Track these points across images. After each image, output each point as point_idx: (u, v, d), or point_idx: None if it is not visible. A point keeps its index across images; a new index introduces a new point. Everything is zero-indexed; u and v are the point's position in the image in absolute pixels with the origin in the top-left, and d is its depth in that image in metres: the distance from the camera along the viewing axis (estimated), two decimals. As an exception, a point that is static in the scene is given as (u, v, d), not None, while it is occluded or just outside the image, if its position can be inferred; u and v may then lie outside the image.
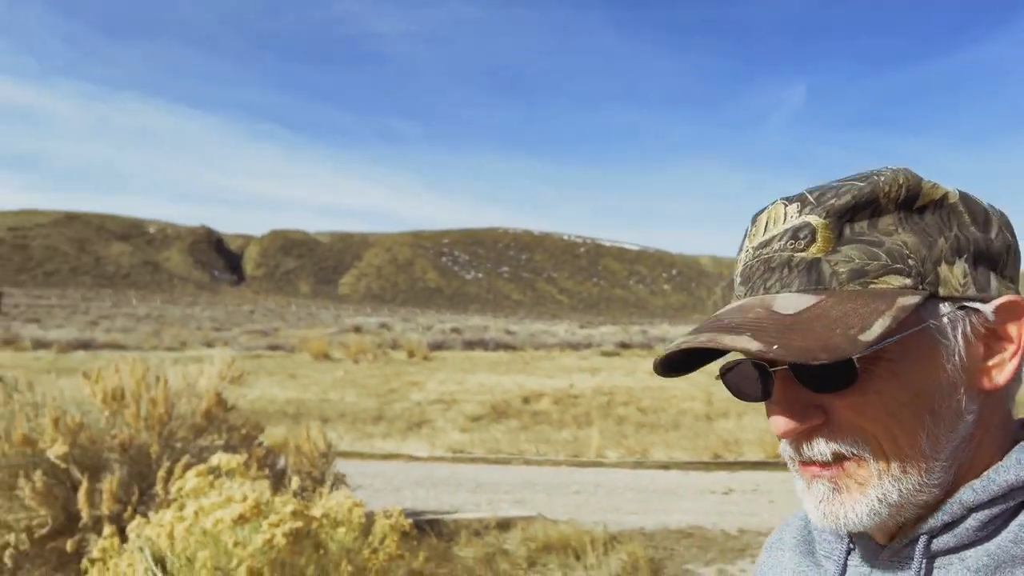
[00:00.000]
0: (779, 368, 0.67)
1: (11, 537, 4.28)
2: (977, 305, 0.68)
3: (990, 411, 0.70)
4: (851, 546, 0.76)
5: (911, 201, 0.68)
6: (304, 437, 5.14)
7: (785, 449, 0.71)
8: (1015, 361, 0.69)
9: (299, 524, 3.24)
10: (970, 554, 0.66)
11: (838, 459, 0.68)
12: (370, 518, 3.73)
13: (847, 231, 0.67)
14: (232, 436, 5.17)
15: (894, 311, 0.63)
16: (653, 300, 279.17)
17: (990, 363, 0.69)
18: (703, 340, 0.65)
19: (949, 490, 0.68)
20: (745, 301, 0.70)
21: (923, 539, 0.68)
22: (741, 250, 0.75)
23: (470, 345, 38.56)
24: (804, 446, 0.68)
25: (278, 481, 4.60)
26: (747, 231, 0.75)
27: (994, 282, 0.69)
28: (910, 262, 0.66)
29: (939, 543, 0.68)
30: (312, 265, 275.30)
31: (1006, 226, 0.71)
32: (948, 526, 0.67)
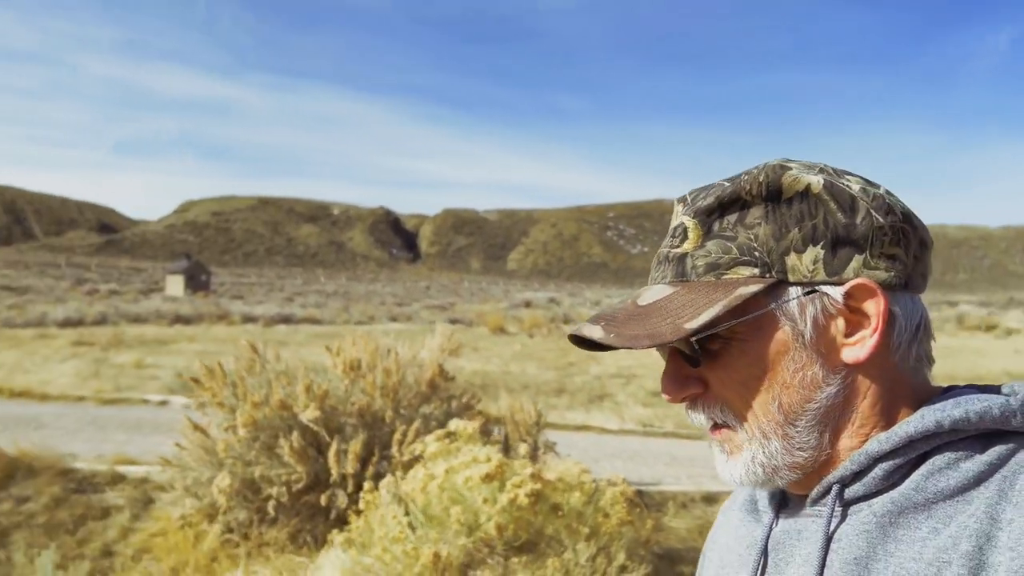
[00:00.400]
0: (671, 345, 0.77)
1: (273, 490, 4.85)
2: (826, 289, 0.73)
3: (864, 381, 0.74)
4: (784, 501, 0.83)
5: (775, 195, 0.73)
6: (518, 407, 5.42)
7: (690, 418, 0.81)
8: (874, 339, 0.72)
9: (538, 486, 3.46)
10: (877, 501, 0.71)
11: (717, 426, 0.78)
12: (596, 485, 3.90)
13: (715, 227, 0.75)
14: (452, 404, 5.53)
15: (728, 300, 0.71)
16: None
17: (851, 339, 0.73)
18: (573, 330, 0.77)
19: (832, 456, 0.75)
20: (630, 293, 0.81)
21: (835, 487, 0.74)
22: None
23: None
24: (689, 412, 0.79)
25: (501, 448, 4.88)
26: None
27: (854, 264, 0.73)
28: (756, 253, 0.73)
29: (851, 492, 0.73)
30: (482, 242, 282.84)
31: (879, 208, 0.73)
32: (857, 475, 0.73)
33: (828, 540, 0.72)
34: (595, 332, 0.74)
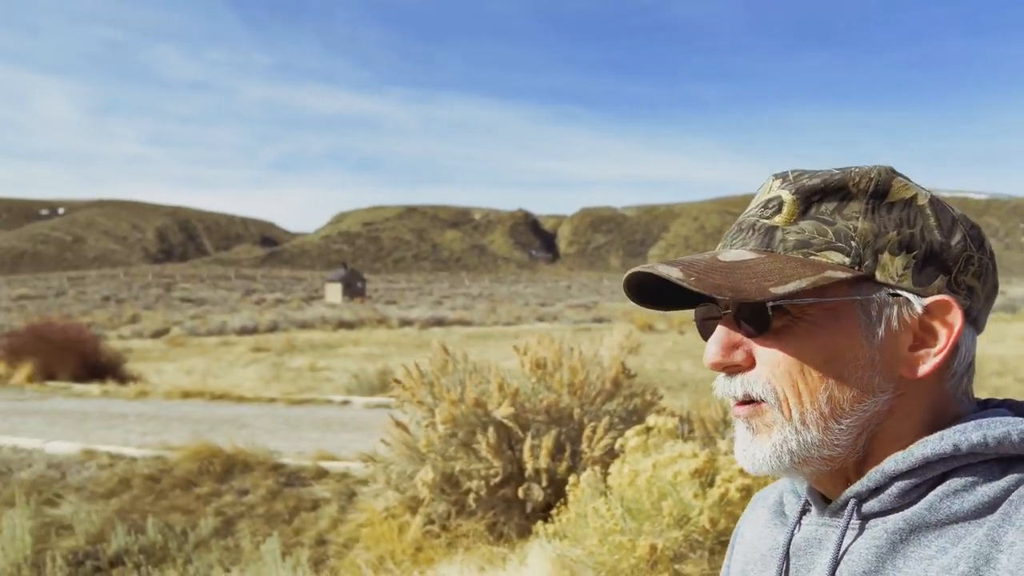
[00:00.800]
0: (726, 312, 0.77)
1: (472, 484, 5.11)
2: (909, 296, 0.73)
3: (914, 397, 0.74)
4: (807, 506, 0.82)
5: (881, 194, 0.74)
6: (704, 404, 5.43)
7: (716, 384, 0.80)
8: (939, 358, 0.73)
9: (748, 481, 3.48)
10: (891, 518, 0.72)
11: (749, 400, 0.76)
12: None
13: (812, 210, 0.75)
14: (635, 401, 5.61)
15: (816, 278, 0.70)
16: (1009, 255, 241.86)
17: (915, 354, 0.73)
18: (645, 267, 0.76)
19: (863, 458, 0.75)
20: (708, 251, 0.80)
21: (852, 501, 0.74)
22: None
23: None
24: (724, 382, 0.78)
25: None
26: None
27: (938, 283, 0.73)
28: (852, 243, 0.73)
29: (867, 507, 0.74)
30: (620, 239, 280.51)
31: (973, 239, 0.75)
32: (874, 492, 0.73)
33: (839, 553, 0.73)
34: (672, 272, 0.73)
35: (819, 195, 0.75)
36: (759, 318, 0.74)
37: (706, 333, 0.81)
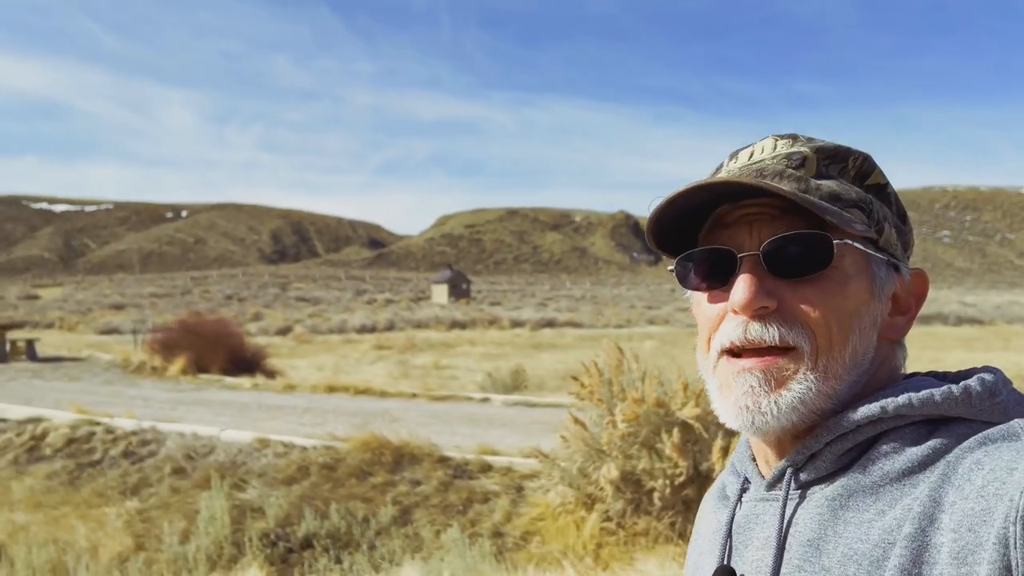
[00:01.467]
0: (749, 253, 0.75)
1: (656, 483, 5.15)
2: (900, 265, 0.80)
3: (882, 359, 0.78)
4: (746, 484, 0.83)
5: (865, 175, 0.80)
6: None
7: (728, 334, 0.75)
8: (907, 327, 0.81)
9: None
10: (829, 485, 0.72)
11: (774, 350, 0.74)
12: None
13: (826, 169, 0.78)
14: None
15: (863, 225, 0.74)
16: None
17: (893, 319, 0.79)
18: (732, 177, 0.75)
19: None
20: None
21: (789, 471, 0.75)
22: (718, 172, 0.83)
23: (925, 319, 34.96)
24: (753, 327, 0.74)
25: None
26: (723, 163, 0.84)
27: (905, 259, 0.82)
28: (871, 207, 0.77)
29: (804, 475, 0.75)
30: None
31: (912, 234, 0.84)
32: (811, 458, 0.74)
33: (783, 524, 0.73)
34: (780, 185, 0.73)
35: (830, 158, 0.79)
36: (820, 253, 0.74)
37: (688, 274, 0.81)
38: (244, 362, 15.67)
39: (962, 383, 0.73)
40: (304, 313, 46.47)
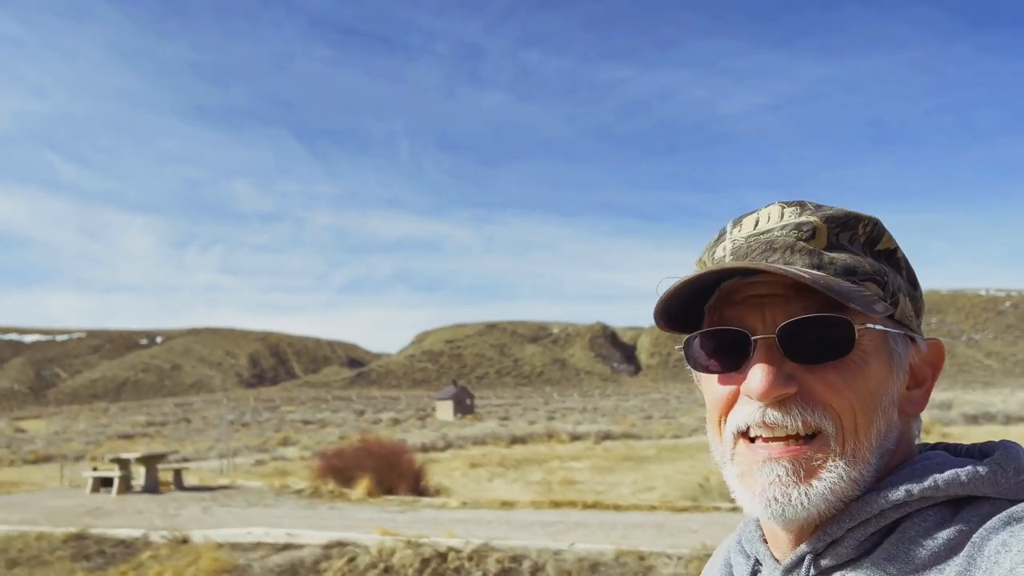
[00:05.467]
0: (763, 336, 0.72)
1: None
2: (915, 337, 0.77)
3: (908, 433, 0.77)
4: (757, 566, 0.80)
5: (875, 241, 0.77)
6: None
7: (745, 418, 0.72)
8: (925, 399, 0.78)
9: None
10: (850, 571, 0.70)
11: (799, 437, 0.71)
12: None
13: (836, 239, 0.75)
14: None
15: (883, 305, 0.72)
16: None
17: (910, 392, 0.77)
18: (743, 264, 0.72)
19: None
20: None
21: (808, 557, 0.72)
22: (722, 241, 0.79)
23: None
24: (771, 413, 0.71)
25: None
26: (726, 229, 0.80)
27: (920, 328, 0.80)
28: (886, 279, 0.74)
29: (824, 562, 0.72)
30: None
31: (922, 295, 0.82)
32: (832, 544, 0.71)
33: None
34: (793, 270, 0.69)
35: (840, 226, 0.75)
36: (842, 339, 0.71)
37: (697, 356, 0.77)
38: (414, 482, 15.57)
39: (987, 461, 0.71)
40: (334, 436, 45.67)
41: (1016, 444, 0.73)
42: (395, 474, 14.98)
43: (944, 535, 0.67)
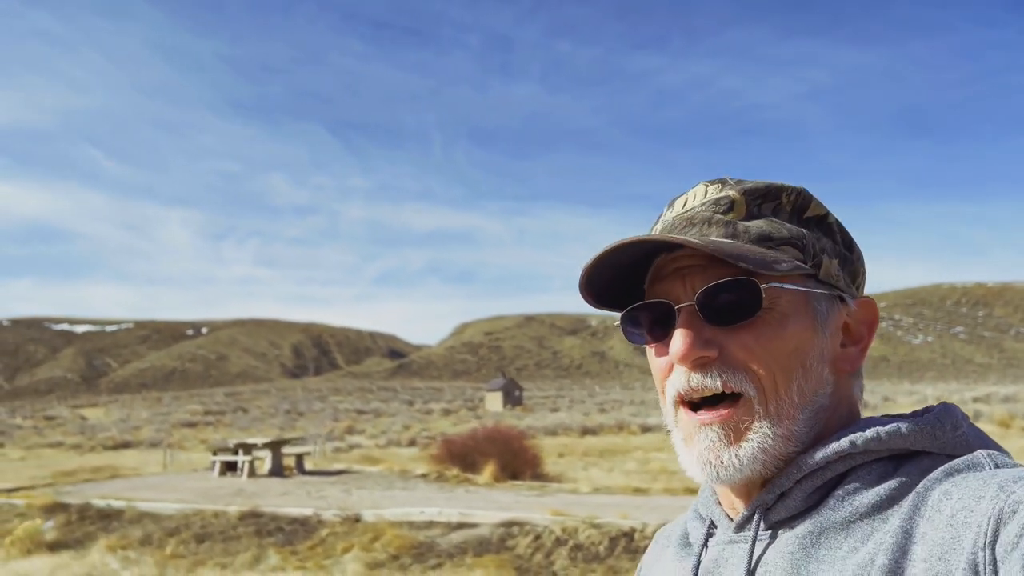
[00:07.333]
0: (685, 304, 0.76)
1: None
2: (845, 296, 0.80)
3: (839, 393, 0.79)
4: (711, 528, 0.82)
5: (801, 209, 0.81)
6: None
7: (675, 384, 0.76)
8: (864, 354, 0.81)
9: None
10: (799, 524, 0.72)
11: (723, 399, 0.75)
12: None
13: (757, 210, 0.79)
14: None
15: (792, 264, 0.75)
16: None
17: (845, 350, 0.80)
18: (645, 237, 0.75)
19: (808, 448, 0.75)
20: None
21: (758, 511, 0.75)
22: (657, 223, 0.84)
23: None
24: (695, 376, 0.75)
25: None
26: (662, 212, 0.85)
27: (853, 288, 0.82)
28: (804, 241, 0.78)
29: (774, 515, 0.74)
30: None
31: (860, 259, 0.85)
32: (781, 497, 0.74)
33: (751, 563, 0.73)
34: (691, 240, 0.73)
35: (761, 198, 0.79)
36: (749, 299, 0.74)
37: (632, 329, 0.82)
38: (532, 468, 16.18)
39: (926, 417, 0.74)
40: (395, 424, 46.48)
41: (952, 405, 0.77)
42: (519, 461, 15.60)
43: (888, 485, 0.70)
